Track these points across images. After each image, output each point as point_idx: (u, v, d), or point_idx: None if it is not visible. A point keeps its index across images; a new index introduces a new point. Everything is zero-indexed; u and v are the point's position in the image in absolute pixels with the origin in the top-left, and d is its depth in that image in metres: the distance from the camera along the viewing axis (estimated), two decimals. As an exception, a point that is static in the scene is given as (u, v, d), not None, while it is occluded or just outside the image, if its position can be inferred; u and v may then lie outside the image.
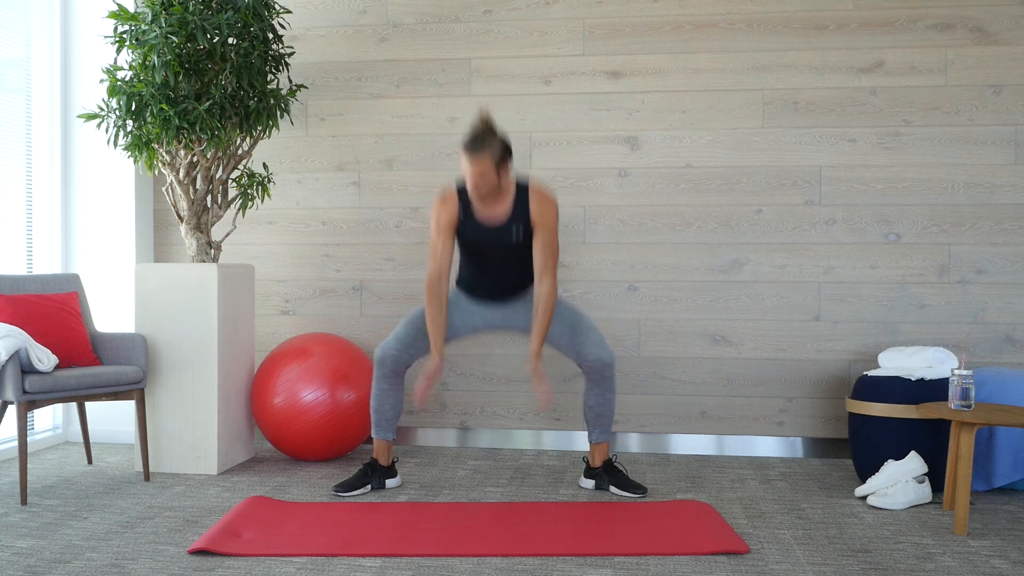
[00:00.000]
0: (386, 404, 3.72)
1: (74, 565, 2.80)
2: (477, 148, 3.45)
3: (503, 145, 3.48)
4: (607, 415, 3.72)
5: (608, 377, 3.67)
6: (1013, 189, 4.34)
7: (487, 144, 3.46)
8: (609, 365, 3.65)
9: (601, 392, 3.69)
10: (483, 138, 3.46)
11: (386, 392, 3.71)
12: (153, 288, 4.06)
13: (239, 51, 4.02)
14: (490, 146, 3.46)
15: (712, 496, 3.68)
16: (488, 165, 3.47)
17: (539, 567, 2.78)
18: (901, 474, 3.52)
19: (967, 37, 4.35)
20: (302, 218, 4.79)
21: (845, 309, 4.42)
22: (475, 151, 3.45)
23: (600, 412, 3.72)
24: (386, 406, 3.73)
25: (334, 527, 3.17)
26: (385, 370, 3.68)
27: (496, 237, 3.62)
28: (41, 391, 3.49)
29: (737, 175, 4.48)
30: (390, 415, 3.74)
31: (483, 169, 3.46)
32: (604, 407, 3.71)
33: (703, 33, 4.49)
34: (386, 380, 3.70)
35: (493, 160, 3.47)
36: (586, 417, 3.76)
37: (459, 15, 4.66)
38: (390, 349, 3.68)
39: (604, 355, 3.64)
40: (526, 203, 3.60)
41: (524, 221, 3.60)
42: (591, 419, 3.74)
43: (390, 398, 3.72)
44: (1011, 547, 3.01)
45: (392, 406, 3.73)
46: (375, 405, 3.73)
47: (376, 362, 3.70)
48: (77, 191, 4.74)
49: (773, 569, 2.77)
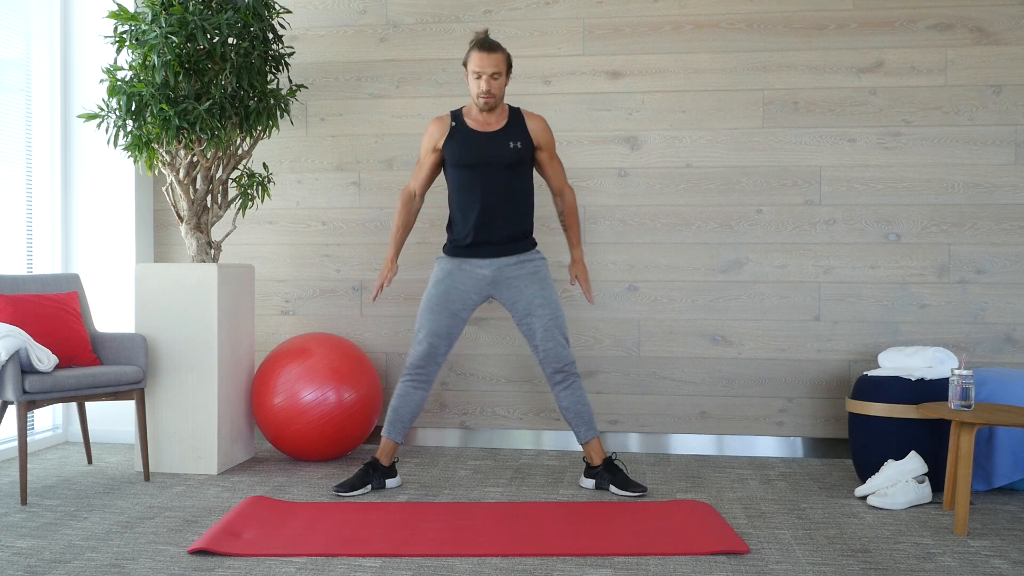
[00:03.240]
0: (408, 404, 3.72)
1: (74, 565, 2.80)
2: (493, 46, 3.58)
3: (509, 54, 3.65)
4: (586, 411, 3.73)
5: (571, 372, 3.70)
6: (1013, 189, 4.34)
7: (500, 46, 3.59)
8: (572, 363, 3.71)
9: (570, 390, 3.71)
10: (495, 41, 3.60)
11: (410, 393, 3.72)
12: (153, 288, 4.06)
13: (239, 51, 4.02)
14: (503, 48, 3.60)
15: (712, 496, 3.68)
16: (502, 65, 3.60)
17: (539, 567, 2.78)
18: (901, 474, 3.52)
19: (967, 37, 4.35)
20: (302, 218, 4.79)
21: (845, 309, 4.42)
22: (491, 49, 3.57)
23: (578, 410, 3.72)
24: (405, 408, 3.73)
25: (334, 527, 3.17)
26: (416, 373, 3.70)
27: (491, 144, 3.64)
28: (41, 391, 3.49)
29: (737, 175, 4.48)
30: (406, 418, 3.74)
31: (498, 68, 3.58)
32: (579, 403, 3.72)
33: (703, 33, 4.49)
34: (412, 382, 3.71)
35: (506, 61, 3.61)
36: (567, 420, 3.76)
37: (459, 15, 4.66)
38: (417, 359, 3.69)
39: (570, 353, 3.71)
40: (521, 121, 3.70)
41: (522, 137, 3.67)
42: (572, 420, 3.74)
43: (413, 399, 3.72)
44: (1011, 547, 3.01)
45: (411, 410, 3.73)
46: (395, 404, 3.74)
47: (409, 366, 3.71)
48: (77, 191, 4.74)
49: (773, 569, 2.77)
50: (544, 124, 3.73)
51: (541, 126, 3.72)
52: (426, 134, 3.74)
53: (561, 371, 3.69)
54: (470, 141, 3.64)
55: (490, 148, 3.63)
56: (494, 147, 3.63)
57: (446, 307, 3.68)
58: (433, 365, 3.71)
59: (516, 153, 3.64)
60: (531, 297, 3.68)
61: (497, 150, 3.63)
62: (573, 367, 3.71)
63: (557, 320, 3.68)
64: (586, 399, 3.74)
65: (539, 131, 3.71)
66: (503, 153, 3.63)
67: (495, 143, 3.63)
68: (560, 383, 3.71)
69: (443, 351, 3.71)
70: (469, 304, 3.72)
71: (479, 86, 3.57)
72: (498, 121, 3.68)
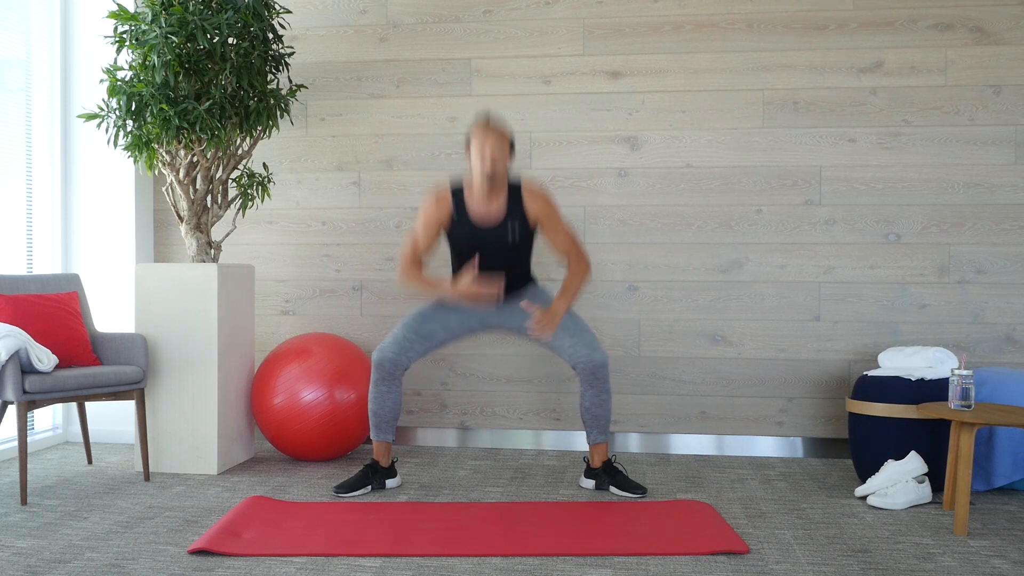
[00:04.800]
0: (385, 406, 3.72)
1: (74, 565, 2.80)
2: (497, 125, 3.57)
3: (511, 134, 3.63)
4: (604, 416, 3.72)
5: (602, 378, 3.67)
6: (1013, 189, 4.34)
7: (504, 125, 3.59)
8: (602, 366, 3.65)
9: (596, 393, 3.69)
10: (499, 120, 3.56)
11: (384, 394, 3.71)
12: (153, 288, 4.06)
13: (239, 51, 4.02)
14: (506, 127, 3.60)
15: (712, 496, 3.68)
16: (506, 144, 3.59)
17: (539, 567, 2.78)
18: (901, 474, 3.52)
19: (967, 37, 4.35)
20: (302, 218, 4.79)
21: (845, 309, 4.42)
22: (495, 127, 3.56)
23: (596, 413, 3.72)
24: (385, 408, 3.72)
25: (334, 527, 3.17)
26: (383, 372, 3.68)
27: (491, 237, 3.64)
28: (41, 391, 3.49)
29: (737, 175, 4.48)
30: (389, 417, 3.74)
31: (502, 146, 3.57)
32: (600, 408, 3.71)
33: (703, 33, 4.49)
34: (384, 383, 3.70)
35: (509, 141, 3.60)
36: (583, 419, 3.76)
37: (459, 15, 4.66)
38: (388, 352, 3.67)
39: (597, 356, 3.64)
40: (520, 201, 3.66)
41: (520, 219, 3.64)
42: (588, 421, 3.74)
43: (389, 400, 3.72)
44: (1011, 547, 3.01)
45: (391, 408, 3.73)
46: (373, 407, 3.73)
47: (374, 365, 3.69)
48: (77, 191, 4.74)
49: (773, 569, 2.77)
50: (544, 203, 3.67)
51: (540, 206, 3.67)
52: (424, 213, 3.69)
53: (592, 373, 3.65)
54: (472, 235, 3.66)
55: (489, 238, 3.65)
56: (494, 238, 3.65)
57: (439, 317, 3.72)
58: (403, 359, 3.66)
59: (514, 239, 3.66)
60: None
61: (500, 240, 3.65)
62: (604, 369, 3.65)
63: (571, 327, 3.68)
64: (609, 405, 3.71)
65: (538, 212, 3.67)
66: (502, 242, 3.66)
67: (494, 234, 3.65)
68: (591, 384, 3.68)
69: (416, 350, 3.68)
70: (466, 325, 3.75)
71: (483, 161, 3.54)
72: (498, 205, 3.65)
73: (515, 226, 3.63)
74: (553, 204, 3.69)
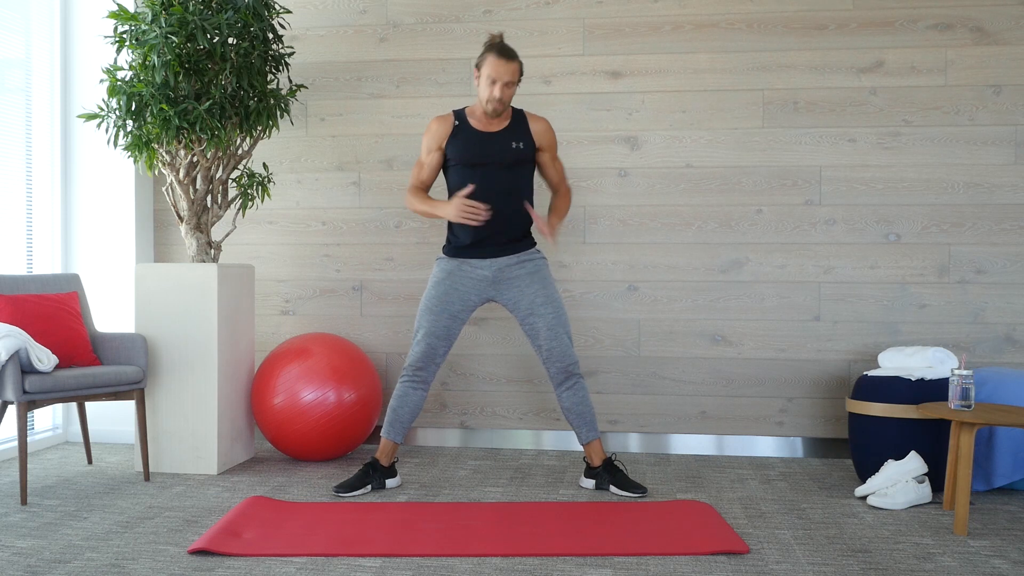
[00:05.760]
0: (406, 405, 3.72)
1: (74, 565, 2.80)
2: (512, 55, 3.59)
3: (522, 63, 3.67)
4: (588, 412, 3.72)
5: (575, 374, 3.70)
6: (1013, 189, 4.34)
7: (517, 55, 3.61)
8: (576, 363, 3.71)
9: (572, 392, 3.70)
10: (513, 50, 3.61)
11: (409, 393, 3.72)
12: (153, 288, 4.06)
13: (239, 51, 4.02)
14: (519, 58, 3.63)
15: (712, 496, 3.68)
16: (517, 73, 3.62)
17: (539, 567, 2.78)
18: (901, 474, 3.52)
19: (967, 37, 4.35)
20: (302, 218, 4.79)
21: (845, 309, 4.42)
22: (510, 57, 3.58)
23: (579, 411, 3.72)
24: (405, 407, 3.73)
25: (334, 527, 3.17)
26: (413, 375, 3.71)
27: (494, 144, 3.65)
28: (41, 391, 3.49)
29: (737, 175, 4.48)
30: (405, 419, 3.74)
31: (513, 77, 3.60)
32: (582, 404, 3.71)
33: (703, 33, 4.49)
34: (411, 383, 3.71)
35: (520, 71, 3.63)
36: (568, 421, 3.77)
37: (459, 15, 4.66)
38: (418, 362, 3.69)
39: (572, 354, 3.70)
40: (525, 122, 3.72)
41: (525, 138, 3.68)
42: (574, 421, 3.74)
43: (411, 400, 3.72)
44: (1011, 547, 3.01)
45: (411, 409, 3.73)
46: (394, 404, 3.73)
47: (408, 365, 3.71)
48: (77, 191, 4.74)
49: (773, 569, 2.77)
50: (547, 126, 3.74)
51: (544, 128, 3.73)
52: (428, 132, 3.72)
53: (565, 371, 3.69)
54: (473, 140, 3.65)
55: (493, 147, 3.63)
56: (497, 146, 3.64)
57: (445, 308, 3.69)
58: (432, 366, 3.71)
59: (518, 153, 3.65)
60: (533, 296, 3.68)
61: (499, 150, 3.63)
62: (577, 367, 3.71)
63: (561, 319, 3.68)
64: (589, 400, 3.74)
65: (542, 133, 3.72)
66: (505, 153, 3.64)
67: (498, 143, 3.64)
68: (564, 383, 3.70)
69: (442, 352, 3.71)
70: (469, 305, 3.72)
71: (491, 92, 3.57)
72: (501, 122, 3.69)
73: (519, 140, 3.68)
74: (554, 135, 3.76)
